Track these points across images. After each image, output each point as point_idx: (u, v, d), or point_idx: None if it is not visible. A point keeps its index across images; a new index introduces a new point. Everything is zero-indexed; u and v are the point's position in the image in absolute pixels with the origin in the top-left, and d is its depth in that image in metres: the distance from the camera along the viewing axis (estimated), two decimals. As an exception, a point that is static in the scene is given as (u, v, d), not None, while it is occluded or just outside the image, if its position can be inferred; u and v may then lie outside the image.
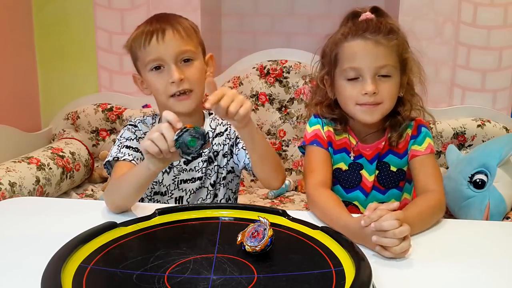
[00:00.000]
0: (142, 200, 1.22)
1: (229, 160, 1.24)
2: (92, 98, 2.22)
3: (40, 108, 2.30)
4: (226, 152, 1.24)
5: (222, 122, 1.25)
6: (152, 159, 0.93)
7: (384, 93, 1.09)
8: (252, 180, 2.14)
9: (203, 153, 1.22)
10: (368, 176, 1.19)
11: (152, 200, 1.23)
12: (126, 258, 0.76)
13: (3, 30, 2.04)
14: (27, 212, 1.09)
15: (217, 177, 1.24)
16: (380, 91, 1.09)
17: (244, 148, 1.19)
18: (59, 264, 0.70)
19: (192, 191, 1.22)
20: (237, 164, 1.23)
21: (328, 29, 1.19)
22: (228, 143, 1.24)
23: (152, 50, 1.13)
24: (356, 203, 1.20)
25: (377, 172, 1.18)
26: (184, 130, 0.88)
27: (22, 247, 0.89)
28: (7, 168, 1.69)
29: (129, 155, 1.14)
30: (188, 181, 1.22)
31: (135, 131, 1.21)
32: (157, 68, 1.15)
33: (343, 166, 1.19)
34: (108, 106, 2.18)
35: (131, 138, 1.19)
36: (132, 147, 1.16)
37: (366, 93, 1.08)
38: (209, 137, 0.91)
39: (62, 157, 1.94)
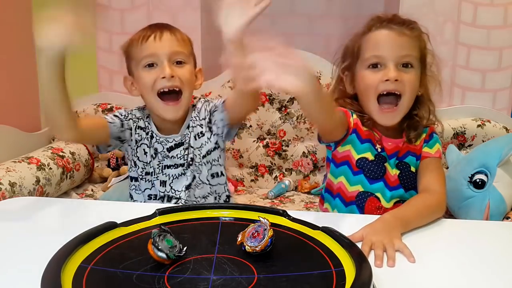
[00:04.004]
0: (137, 181, 1.28)
1: (209, 138, 1.27)
2: (92, 98, 2.22)
3: (40, 108, 2.30)
4: (198, 133, 1.27)
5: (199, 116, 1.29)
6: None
7: (405, 82, 1.10)
8: (252, 180, 2.13)
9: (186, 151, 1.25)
10: (391, 170, 1.19)
11: (144, 180, 1.28)
12: (126, 258, 0.76)
13: (3, 30, 2.04)
14: (27, 212, 1.09)
15: (193, 159, 1.27)
16: (402, 80, 1.10)
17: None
18: (59, 264, 0.70)
19: (175, 176, 1.27)
20: (221, 135, 1.26)
21: (328, 29, 1.20)
22: (199, 124, 1.27)
23: (148, 46, 1.21)
24: (378, 194, 1.19)
25: (398, 172, 1.19)
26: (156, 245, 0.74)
27: (22, 247, 0.89)
28: (7, 168, 1.68)
29: (107, 116, 1.23)
30: (172, 167, 1.27)
31: (128, 114, 1.27)
32: (150, 65, 1.21)
33: (370, 156, 1.18)
34: (108, 106, 2.18)
35: (121, 114, 1.26)
36: (116, 115, 1.24)
37: (387, 80, 1.09)
38: (163, 229, 0.78)
39: (62, 157, 1.94)
